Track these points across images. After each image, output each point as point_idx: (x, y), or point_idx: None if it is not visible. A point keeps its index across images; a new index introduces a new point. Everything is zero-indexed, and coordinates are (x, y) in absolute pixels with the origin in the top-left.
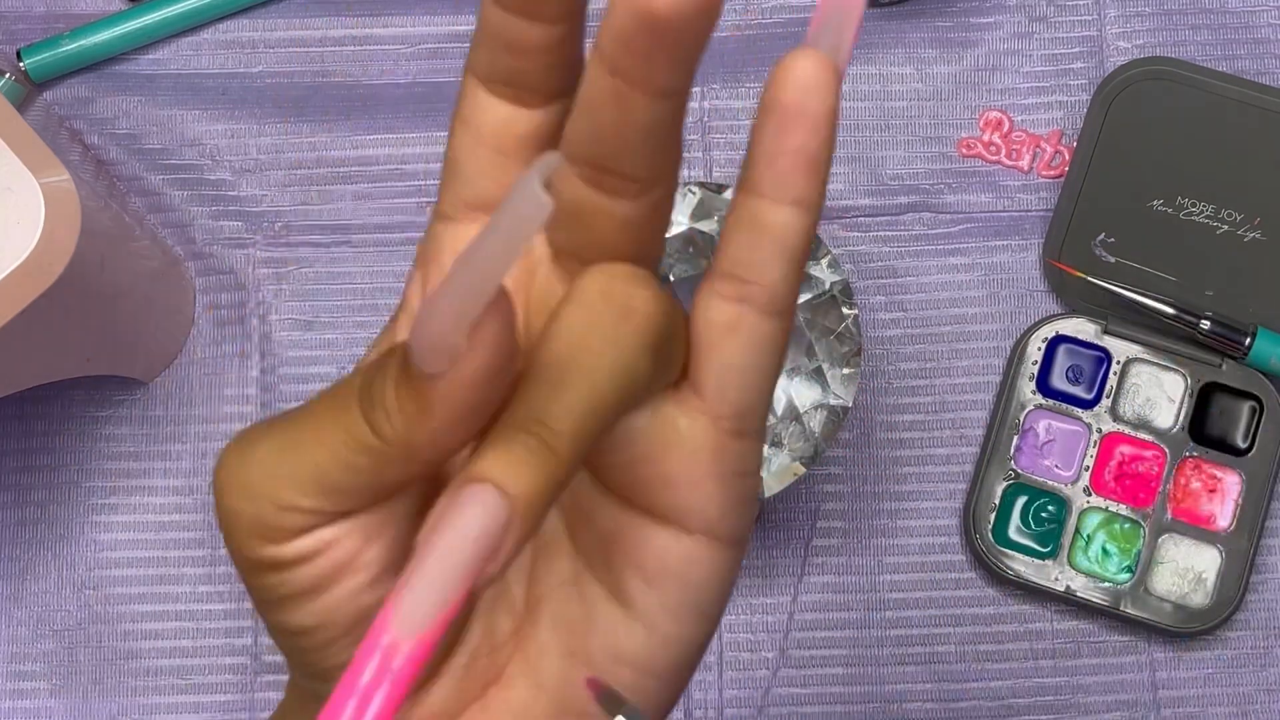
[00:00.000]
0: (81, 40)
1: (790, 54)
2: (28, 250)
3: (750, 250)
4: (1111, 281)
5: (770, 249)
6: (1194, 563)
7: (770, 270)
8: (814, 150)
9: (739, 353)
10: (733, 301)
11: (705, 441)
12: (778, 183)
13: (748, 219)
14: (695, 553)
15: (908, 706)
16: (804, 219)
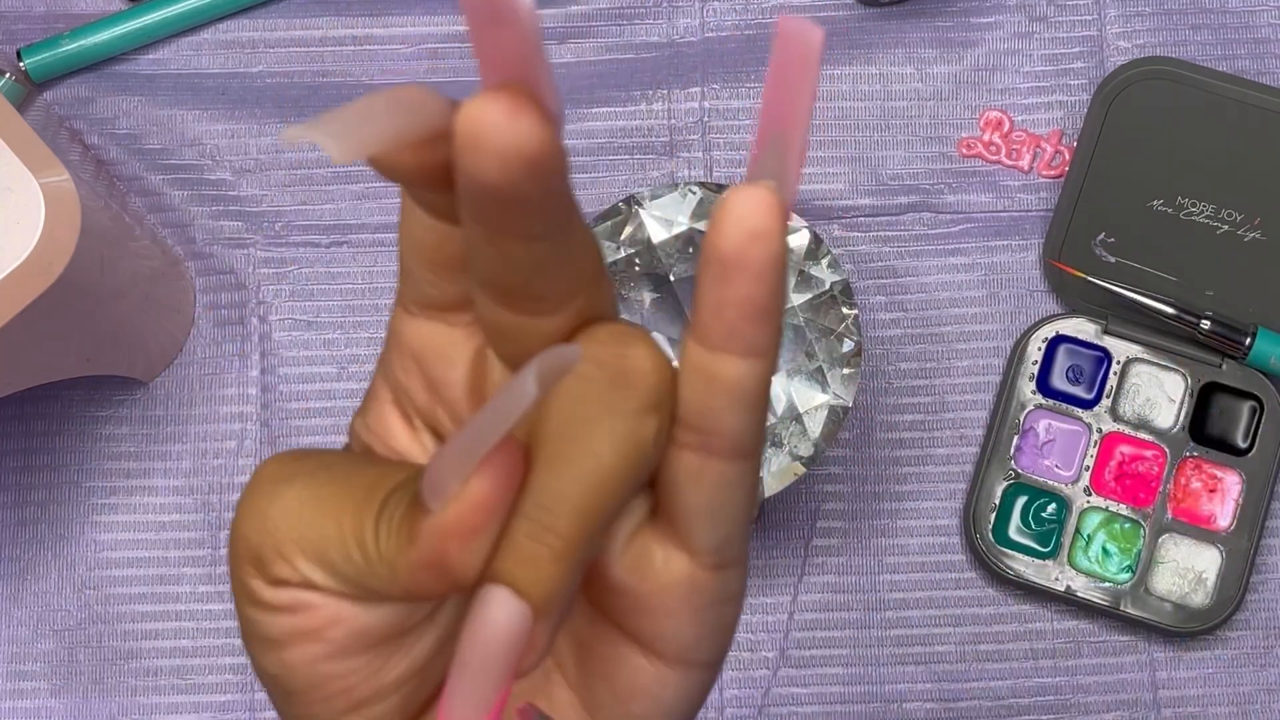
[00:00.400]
0: (81, 40)
1: (730, 192)
2: (28, 250)
3: (706, 400)
4: (1111, 281)
5: (726, 400)
6: (1194, 563)
7: (729, 420)
8: (762, 300)
9: (708, 497)
10: (695, 451)
11: (682, 575)
12: (727, 334)
13: (701, 370)
14: (668, 677)
15: (908, 706)
16: (758, 367)
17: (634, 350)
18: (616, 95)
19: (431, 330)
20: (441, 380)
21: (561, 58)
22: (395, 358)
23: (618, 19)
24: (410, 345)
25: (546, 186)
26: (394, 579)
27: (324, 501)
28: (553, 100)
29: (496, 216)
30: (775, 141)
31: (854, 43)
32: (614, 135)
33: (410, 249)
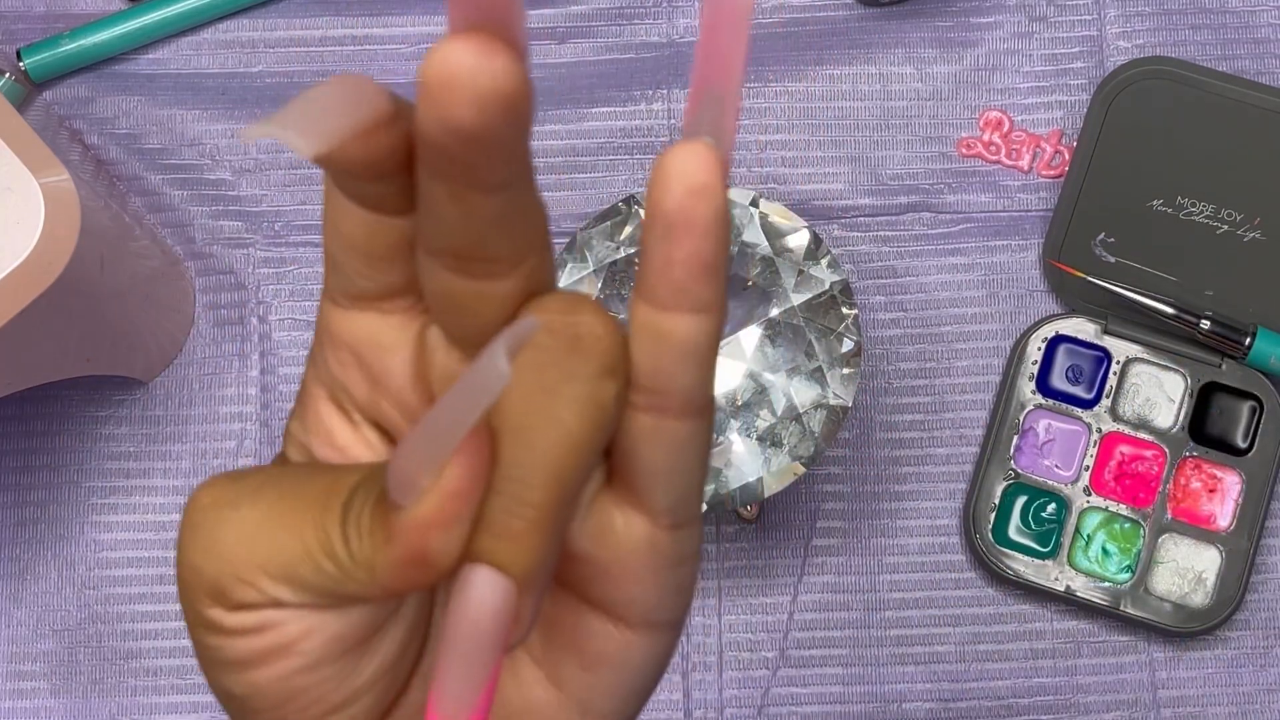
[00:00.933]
0: (81, 40)
1: (669, 151)
2: (28, 250)
3: (658, 360)
4: (1111, 281)
5: (677, 357)
6: (1194, 563)
7: (681, 378)
8: (708, 255)
9: (664, 457)
10: (649, 412)
11: (642, 538)
12: (675, 292)
13: (650, 330)
14: (634, 641)
15: (908, 706)
16: (707, 323)
17: (584, 316)
18: (616, 95)
19: (367, 321)
20: (382, 371)
21: (561, 58)
22: (330, 354)
23: (618, 19)
24: (345, 339)
25: (519, 127)
26: (374, 580)
27: (279, 518)
28: (523, 36)
29: (463, 166)
30: (711, 99)
31: (854, 43)
32: (614, 135)
33: (339, 243)
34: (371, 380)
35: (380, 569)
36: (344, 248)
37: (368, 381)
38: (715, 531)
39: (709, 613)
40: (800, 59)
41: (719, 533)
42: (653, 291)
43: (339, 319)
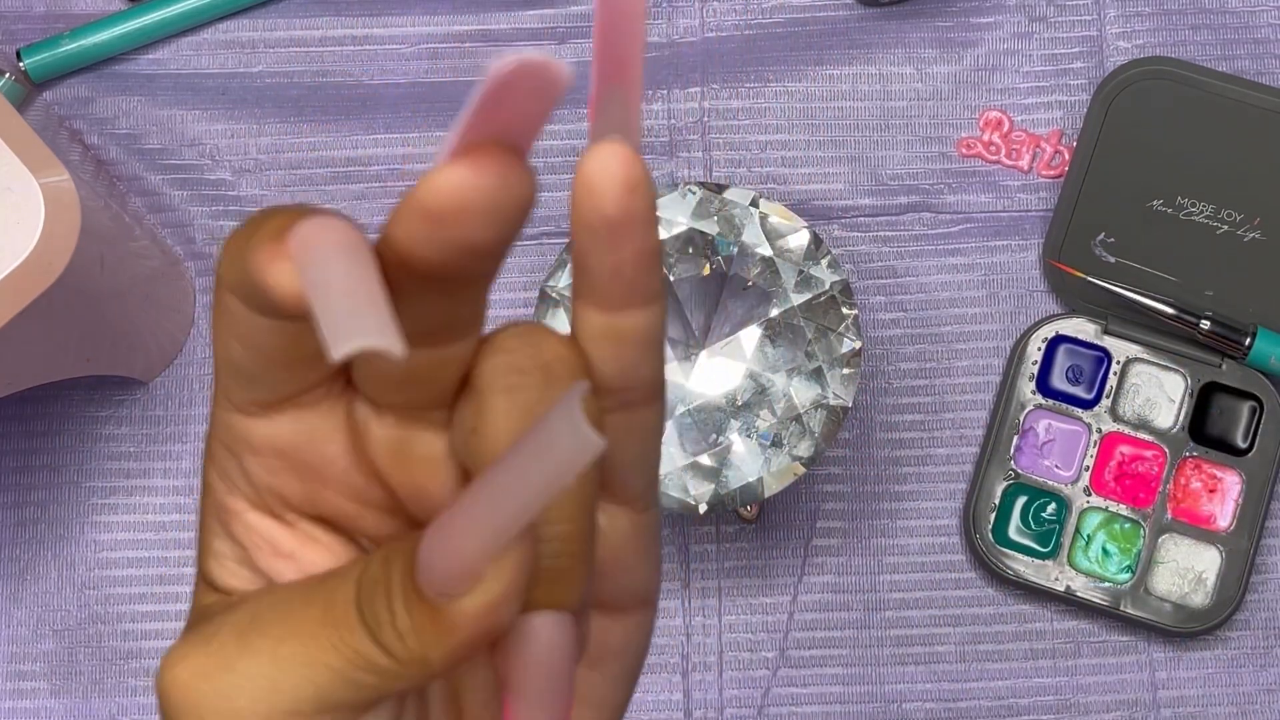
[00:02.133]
0: (81, 40)
1: (588, 158)
2: (28, 250)
3: (620, 361)
4: (1111, 281)
5: (640, 352)
6: (1194, 563)
7: (643, 369)
8: (652, 245)
9: (638, 447)
10: (619, 411)
11: (627, 527)
12: (627, 291)
13: (609, 334)
14: (631, 625)
15: (907, 706)
16: (656, 308)
17: (546, 344)
18: None
19: (289, 421)
20: (320, 463)
21: (561, 58)
22: (253, 463)
23: None
24: (270, 445)
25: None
26: (428, 670)
27: (288, 659)
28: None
29: (461, 271)
30: (613, 97)
31: (854, 43)
32: None
33: (253, 358)
34: (308, 476)
35: (438, 659)
36: (259, 361)
37: (303, 479)
38: (715, 531)
39: (709, 613)
40: (800, 59)
41: (719, 533)
42: (605, 296)
43: (256, 427)
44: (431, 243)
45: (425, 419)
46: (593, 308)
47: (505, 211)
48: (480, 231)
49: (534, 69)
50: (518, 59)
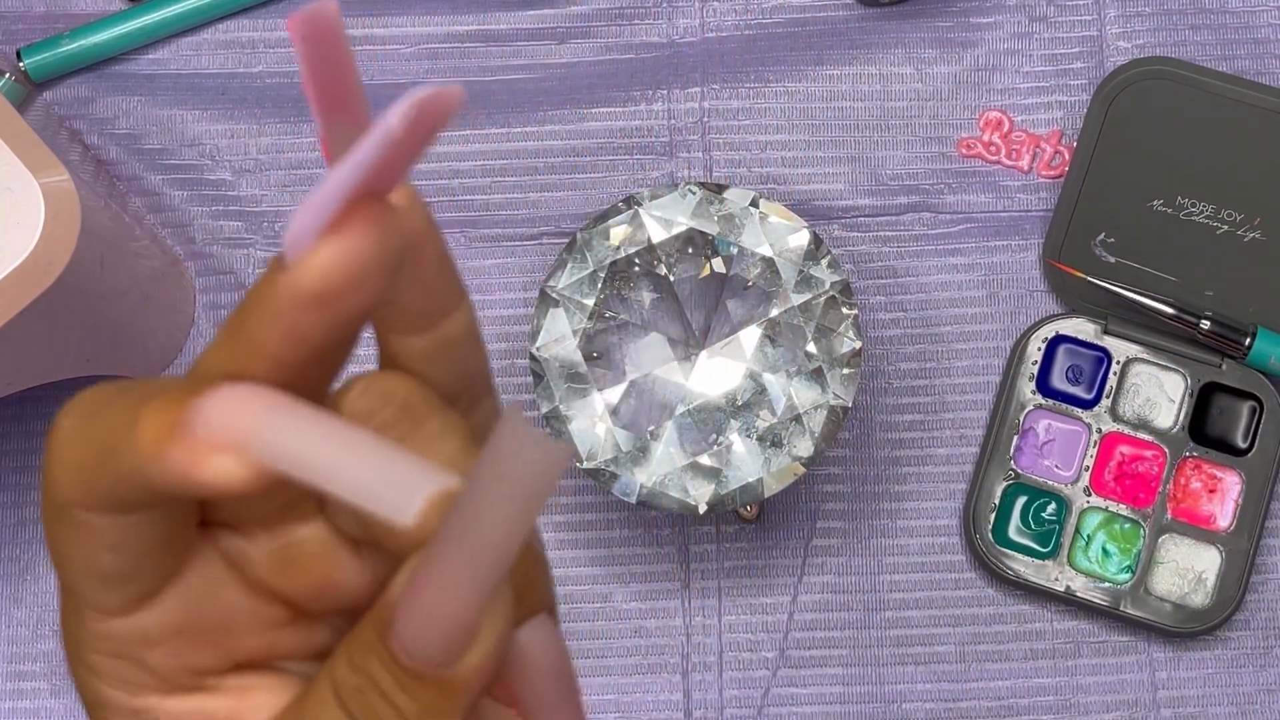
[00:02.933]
0: (81, 40)
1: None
2: (28, 250)
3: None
4: (1111, 281)
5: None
6: (1194, 563)
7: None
8: (438, 250)
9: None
10: (470, 410)
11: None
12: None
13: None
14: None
15: (907, 706)
16: (466, 301)
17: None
18: (616, 95)
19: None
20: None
21: (561, 58)
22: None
23: (618, 19)
24: (165, 630)
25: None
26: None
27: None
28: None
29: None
30: (341, 130)
31: (854, 43)
32: (614, 135)
33: (126, 558)
34: (217, 634)
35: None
36: (134, 559)
37: (213, 640)
38: (715, 531)
39: (709, 613)
40: (800, 59)
41: (719, 533)
42: (424, 318)
43: (144, 621)
44: (320, 326)
45: (295, 515)
46: (411, 335)
47: (391, 262)
48: (372, 292)
49: (429, 108)
50: (410, 103)
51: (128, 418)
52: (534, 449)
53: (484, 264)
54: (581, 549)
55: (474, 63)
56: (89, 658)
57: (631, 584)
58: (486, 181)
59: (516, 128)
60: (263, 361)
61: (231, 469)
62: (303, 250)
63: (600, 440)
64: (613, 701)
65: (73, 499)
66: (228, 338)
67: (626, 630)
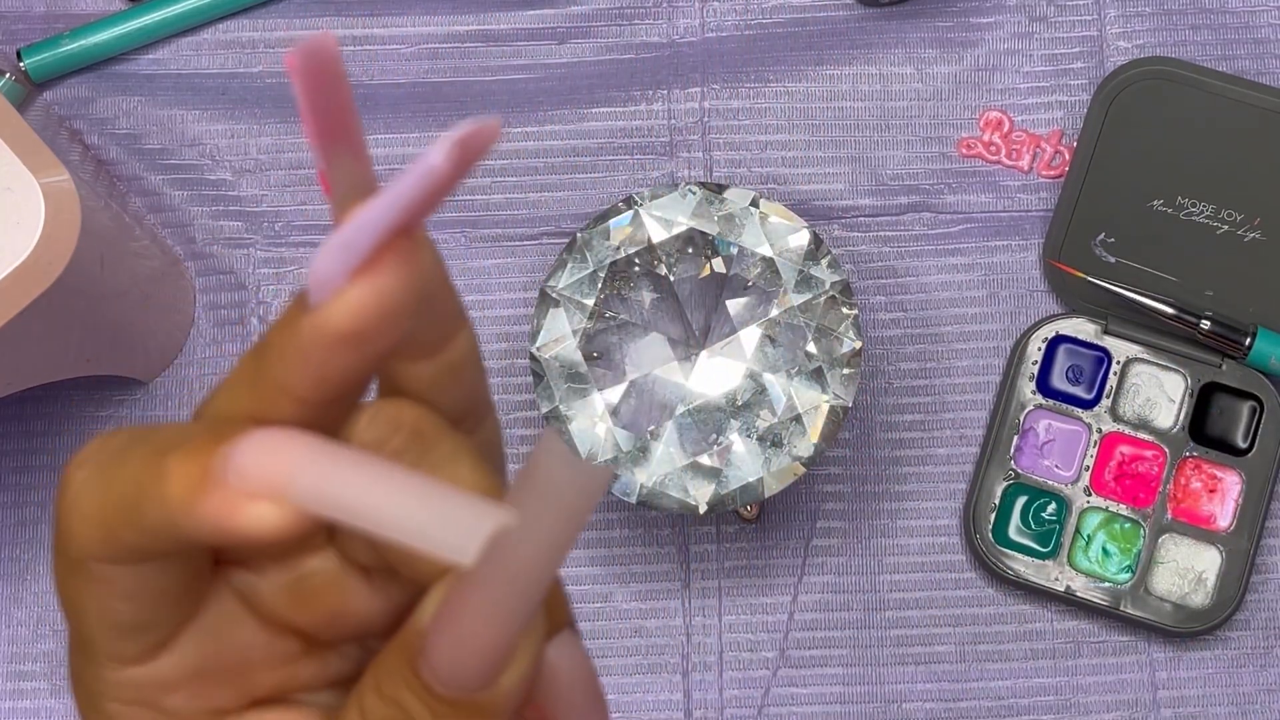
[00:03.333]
0: (81, 40)
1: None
2: (28, 250)
3: (460, 389)
4: (1111, 281)
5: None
6: (1194, 563)
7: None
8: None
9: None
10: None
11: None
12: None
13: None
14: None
15: (907, 706)
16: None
17: (397, 411)
18: (616, 95)
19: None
20: (241, 652)
21: (561, 58)
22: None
23: (618, 19)
24: (185, 674)
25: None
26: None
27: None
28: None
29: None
30: (341, 159)
31: (854, 43)
32: (614, 135)
33: (145, 606)
34: (235, 674)
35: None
36: (153, 607)
37: (231, 680)
38: (715, 531)
39: (709, 613)
40: (800, 59)
41: (719, 533)
42: (430, 345)
43: (163, 668)
44: (348, 367)
45: (304, 547)
46: (416, 362)
47: (421, 298)
48: (402, 330)
49: (472, 144)
50: (454, 140)
51: (152, 469)
52: (575, 472)
53: (484, 264)
54: (581, 549)
55: (474, 63)
56: (106, 707)
57: (631, 584)
58: (486, 181)
59: (516, 128)
60: (288, 403)
61: (271, 516)
62: (332, 289)
63: (600, 440)
64: (613, 701)
65: (92, 553)
66: (249, 379)
67: (626, 630)
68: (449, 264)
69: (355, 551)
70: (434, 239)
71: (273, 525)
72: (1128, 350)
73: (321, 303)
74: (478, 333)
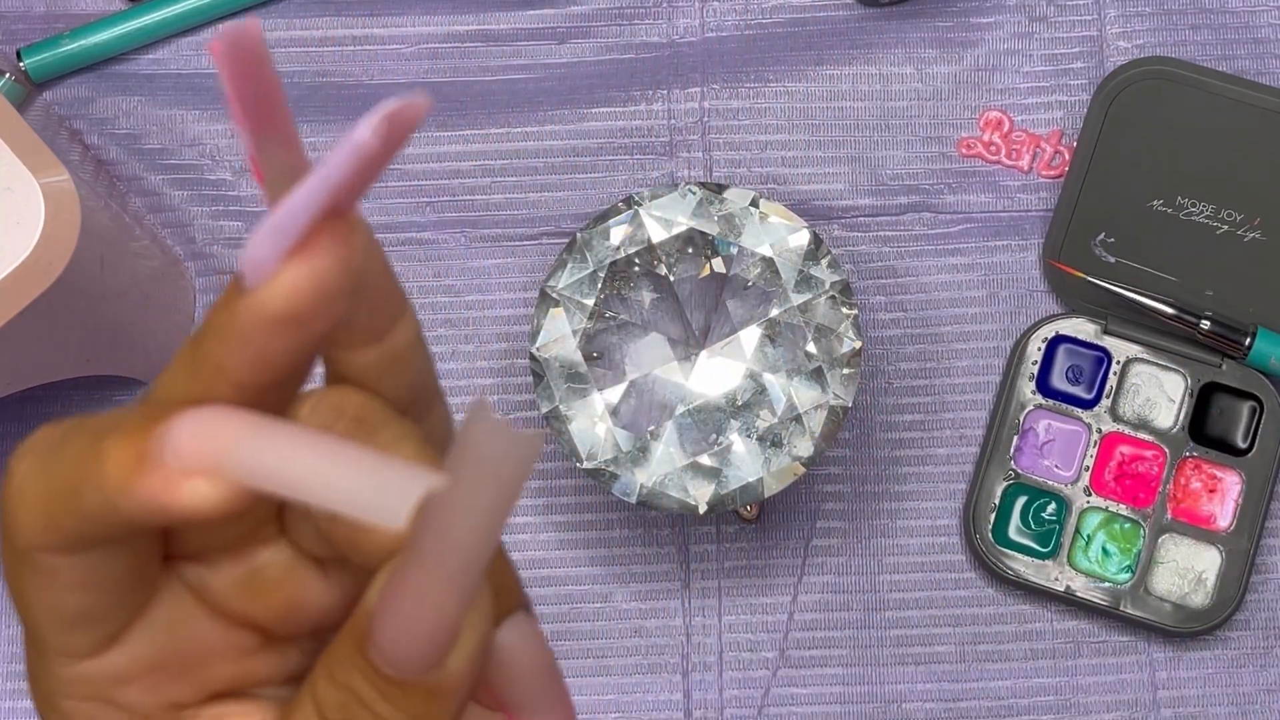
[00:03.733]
0: (81, 40)
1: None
2: (28, 250)
3: (405, 376)
4: (1111, 281)
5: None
6: (1194, 563)
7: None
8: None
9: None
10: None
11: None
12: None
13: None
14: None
15: (907, 707)
16: (409, 311)
17: (340, 398)
18: (616, 95)
19: (145, 630)
20: (197, 644)
21: (561, 58)
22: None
23: (618, 19)
24: (139, 666)
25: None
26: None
27: None
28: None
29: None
30: (271, 147)
31: (854, 43)
32: (614, 135)
33: (96, 597)
34: (191, 666)
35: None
36: (104, 597)
37: (187, 673)
38: (715, 531)
39: (709, 613)
40: (800, 59)
41: (719, 533)
42: (371, 332)
43: (116, 660)
44: (285, 349)
45: (256, 540)
46: (359, 349)
47: (357, 279)
48: (339, 312)
49: (399, 119)
50: (380, 116)
51: (90, 453)
52: (506, 441)
53: (484, 264)
54: (581, 549)
55: (474, 63)
56: (61, 704)
57: (631, 584)
58: (486, 181)
59: (516, 128)
60: (227, 387)
61: (208, 493)
62: (266, 272)
63: (600, 440)
64: (613, 701)
65: (36, 543)
66: (188, 363)
67: (626, 630)
68: (449, 264)
69: (308, 542)
70: (434, 239)
71: (209, 501)
72: (1128, 350)
73: (257, 286)
74: (478, 333)
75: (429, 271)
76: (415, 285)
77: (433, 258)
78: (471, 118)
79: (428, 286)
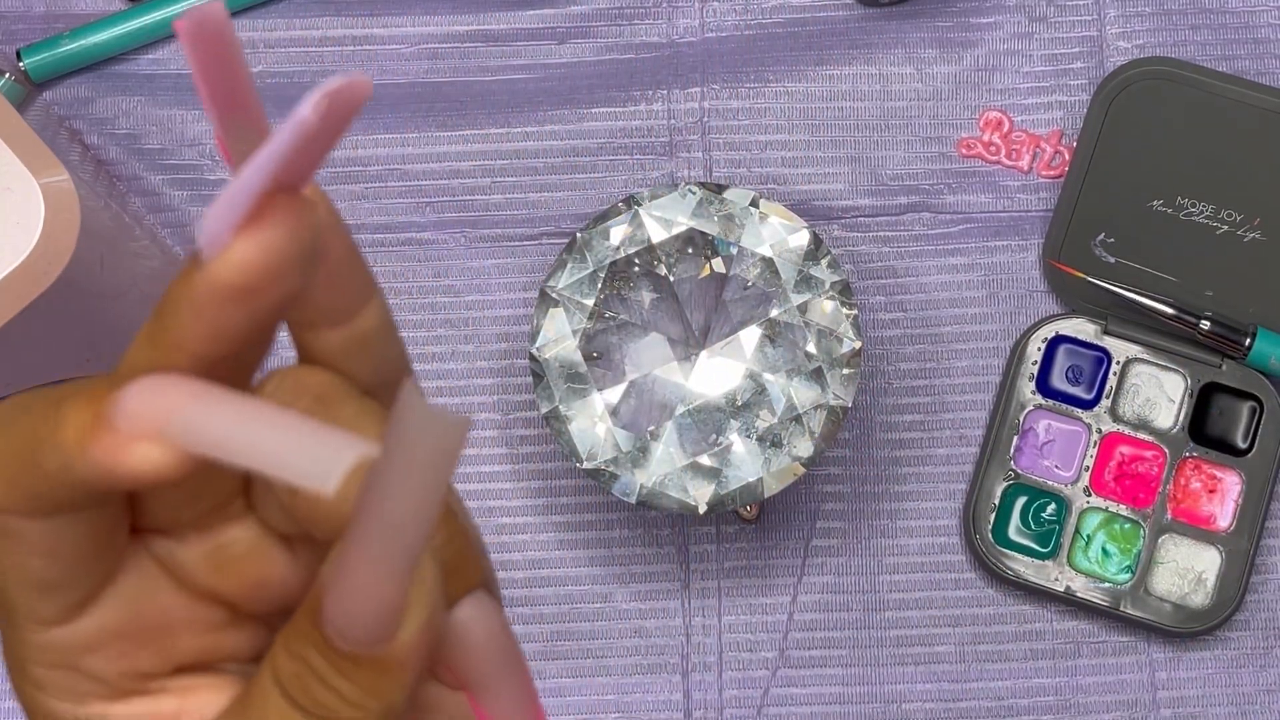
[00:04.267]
0: (81, 40)
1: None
2: (28, 250)
3: (372, 360)
4: (1111, 281)
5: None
6: (1194, 563)
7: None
8: (346, 245)
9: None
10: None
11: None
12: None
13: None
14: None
15: (907, 707)
16: (378, 296)
17: (303, 377)
18: (616, 95)
19: (112, 599)
20: (162, 615)
21: (561, 58)
22: (95, 663)
23: (618, 19)
24: (105, 634)
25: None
26: (398, 713)
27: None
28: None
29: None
30: (238, 127)
31: (854, 43)
32: (614, 135)
33: (61, 563)
34: (156, 636)
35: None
36: (68, 563)
37: (153, 642)
38: (715, 531)
39: (709, 613)
40: (800, 59)
41: (719, 533)
42: (337, 314)
43: (82, 628)
44: (239, 321)
45: (223, 516)
46: (326, 330)
47: (307, 254)
48: (290, 285)
49: (341, 97)
50: (321, 94)
51: (49, 417)
52: (433, 423)
53: (484, 264)
54: (581, 549)
55: (474, 63)
56: (32, 672)
57: (631, 584)
58: (486, 181)
59: (516, 128)
60: (183, 358)
61: (154, 456)
62: (219, 246)
63: (600, 440)
64: (613, 701)
65: (1, 504)
66: (148, 336)
67: (626, 630)
68: (449, 264)
69: (274, 520)
70: (434, 239)
71: (155, 465)
72: (1127, 350)
73: (211, 258)
74: (478, 333)
75: (429, 271)
76: (415, 285)
77: (433, 258)
78: (471, 118)
79: (428, 286)
